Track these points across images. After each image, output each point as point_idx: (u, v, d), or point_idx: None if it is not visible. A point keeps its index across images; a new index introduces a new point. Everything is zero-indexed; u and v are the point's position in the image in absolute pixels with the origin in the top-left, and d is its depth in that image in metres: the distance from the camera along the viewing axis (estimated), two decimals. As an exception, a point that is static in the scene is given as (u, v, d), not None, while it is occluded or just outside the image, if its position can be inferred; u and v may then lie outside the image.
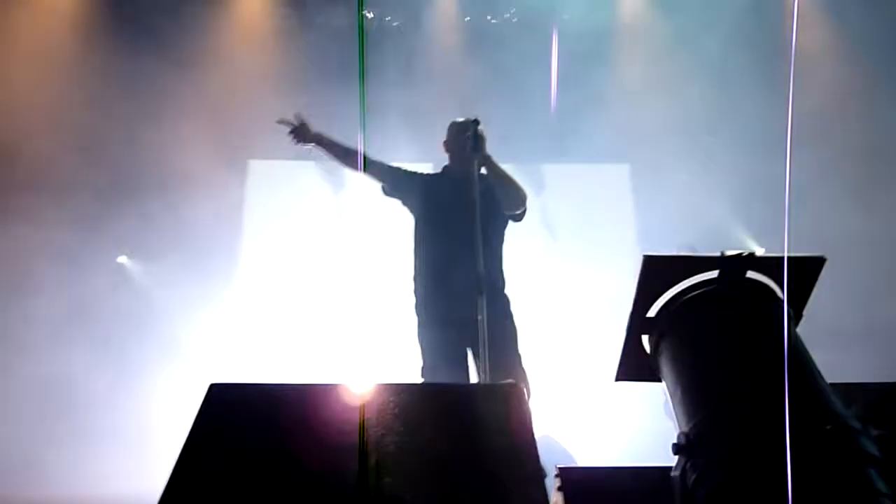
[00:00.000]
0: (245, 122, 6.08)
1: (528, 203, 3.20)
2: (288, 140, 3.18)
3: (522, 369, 3.00)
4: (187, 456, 1.63)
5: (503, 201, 3.09)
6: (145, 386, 5.22)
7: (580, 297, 5.86)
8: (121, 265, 6.14)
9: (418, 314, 3.16)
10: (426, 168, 3.52)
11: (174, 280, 5.75)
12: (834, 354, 2.31)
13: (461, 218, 2.79)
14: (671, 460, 1.43)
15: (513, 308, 3.15)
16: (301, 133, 3.16)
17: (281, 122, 3.20)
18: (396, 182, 3.28)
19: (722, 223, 5.83)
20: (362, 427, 1.63)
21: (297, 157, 6.44)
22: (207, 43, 6.33)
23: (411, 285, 3.21)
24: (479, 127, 2.95)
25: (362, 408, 1.67)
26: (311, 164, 6.56)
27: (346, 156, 3.19)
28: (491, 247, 3.02)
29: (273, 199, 6.46)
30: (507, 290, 3.14)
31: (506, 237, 3.23)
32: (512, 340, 3.05)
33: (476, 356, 2.88)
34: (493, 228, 3.10)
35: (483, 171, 3.02)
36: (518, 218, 3.22)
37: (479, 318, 2.55)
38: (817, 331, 1.85)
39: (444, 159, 3.36)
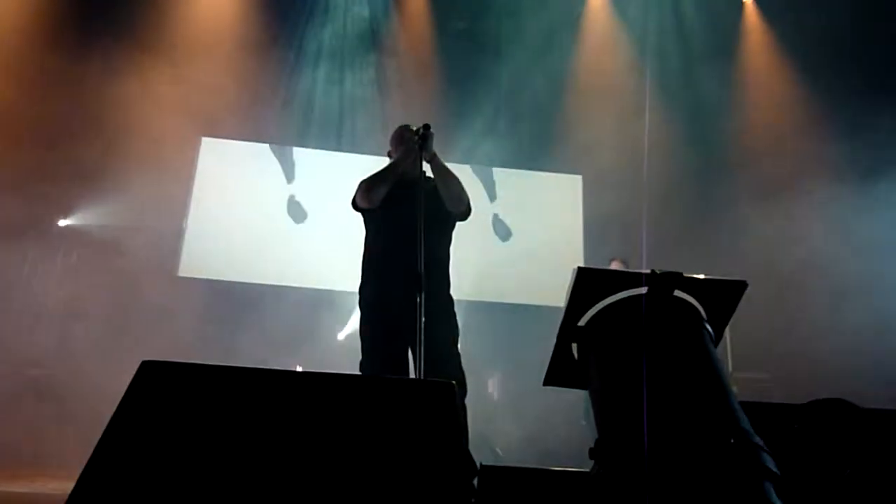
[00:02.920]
0: (202, 100, 6.01)
1: (474, 205, 3.23)
2: (412, 142, 3.01)
3: (460, 370, 3.03)
4: (112, 432, 1.62)
5: (445, 199, 3.10)
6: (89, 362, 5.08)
7: (526, 298, 5.97)
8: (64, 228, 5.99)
9: (361, 309, 3.17)
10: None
11: (119, 251, 5.65)
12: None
13: (406, 216, 2.82)
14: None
15: (455, 308, 3.17)
16: (426, 144, 3.00)
17: (425, 128, 3.05)
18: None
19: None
20: (286, 415, 1.65)
21: (252, 139, 6.47)
22: (166, 20, 6.23)
23: (359, 280, 3.22)
24: (430, 130, 3.03)
25: (289, 395, 1.69)
26: (265, 146, 6.53)
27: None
28: (433, 246, 3.03)
29: (224, 177, 6.39)
30: (451, 291, 3.16)
31: (453, 238, 3.26)
32: (450, 341, 3.07)
33: (413, 355, 2.90)
34: (439, 228, 3.11)
35: (428, 172, 3.06)
36: (463, 217, 3.25)
37: (416, 316, 2.58)
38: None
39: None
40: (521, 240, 6.49)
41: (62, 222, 6.04)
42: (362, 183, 3.16)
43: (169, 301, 5.38)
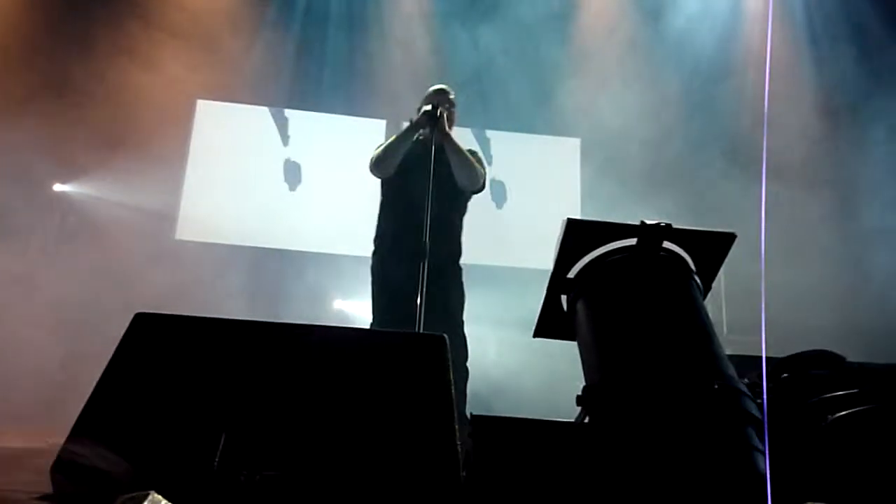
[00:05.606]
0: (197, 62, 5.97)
1: (486, 178, 3.28)
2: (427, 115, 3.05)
3: (462, 337, 3.08)
4: (104, 386, 1.65)
5: (458, 179, 3.16)
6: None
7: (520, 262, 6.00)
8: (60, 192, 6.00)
9: (373, 275, 3.21)
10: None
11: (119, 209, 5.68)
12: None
13: (418, 184, 2.87)
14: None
15: (463, 278, 3.21)
16: (440, 121, 3.04)
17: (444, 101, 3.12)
18: None
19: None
20: (281, 367, 1.68)
21: (246, 101, 6.42)
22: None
23: (369, 247, 3.27)
24: (449, 107, 3.15)
25: (282, 347, 1.72)
26: (264, 109, 6.49)
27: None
28: (444, 218, 3.05)
29: (219, 140, 6.37)
30: (461, 262, 3.21)
31: (468, 209, 3.30)
32: (455, 310, 3.12)
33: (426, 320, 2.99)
34: (450, 196, 3.14)
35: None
36: (476, 192, 3.32)
37: (421, 282, 2.69)
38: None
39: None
40: (517, 203, 6.49)
41: (58, 187, 6.04)
42: (374, 153, 3.20)
43: (165, 263, 5.40)
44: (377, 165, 3.17)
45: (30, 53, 5.76)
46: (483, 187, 3.30)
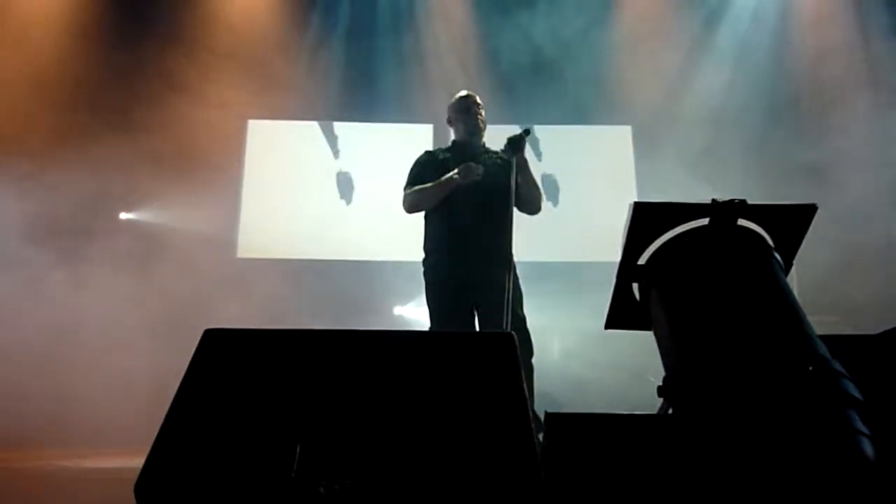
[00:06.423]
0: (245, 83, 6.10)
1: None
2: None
3: (527, 332, 3.08)
4: (180, 403, 1.66)
5: (523, 203, 3.25)
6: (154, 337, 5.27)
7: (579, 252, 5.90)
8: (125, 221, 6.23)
9: (427, 277, 3.21)
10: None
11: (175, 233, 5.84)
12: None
13: (477, 192, 3.07)
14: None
15: (518, 272, 3.23)
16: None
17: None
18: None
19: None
20: (354, 376, 1.66)
21: (296, 118, 6.52)
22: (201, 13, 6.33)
23: (421, 253, 3.32)
24: (480, 111, 3.35)
25: (353, 355, 1.70)
26: (314, 124, 6.58)
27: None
28: (501, 217, 3.07)
29: (272, 158, 6.49)
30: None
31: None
32: (516, 306, 3.11)
33: (483, 317, 3.10)
34: (504, 200, 3.17)
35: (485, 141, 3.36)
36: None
37: (482, 284, 2.95)
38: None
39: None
40: (570, 198, 6.37)
41: (123, 215, 6.26)
42: (409, 195, 3.26)
43: (229, 282, 5.53)
44: (410, 210, 3.29)
45: (83, 89, 5.99)
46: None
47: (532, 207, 3.32)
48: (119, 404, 4.60)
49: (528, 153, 3.27)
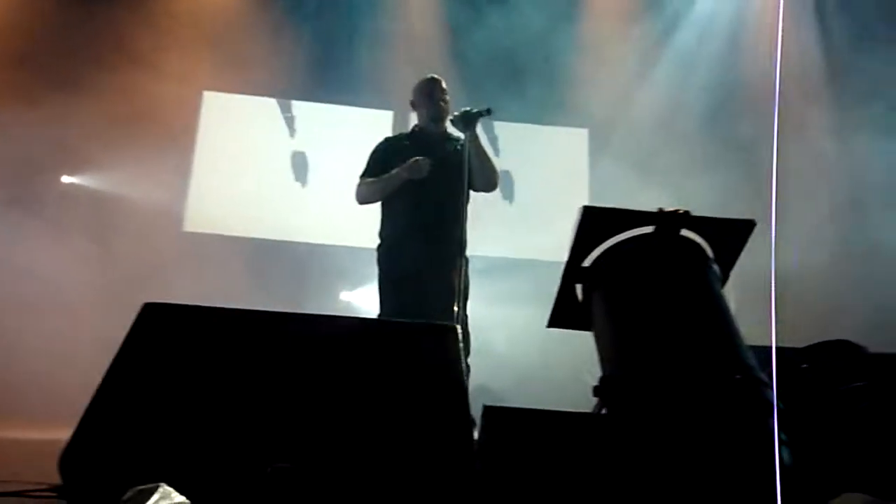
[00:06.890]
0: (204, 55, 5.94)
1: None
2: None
3: (467, 330, 3.10)
4: (112, 377, 1.62)
5: (478, 180, 3.21)
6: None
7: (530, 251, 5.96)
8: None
9: (380, 265, 3.21)
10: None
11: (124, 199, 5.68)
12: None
13: (429, 178, 3.01)
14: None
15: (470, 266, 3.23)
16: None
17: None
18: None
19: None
20: (290, 358, 1.65)
21: (254, 93, 6.39)
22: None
23: (377, 239, 3.28)
24: (444, 96, 3.29)
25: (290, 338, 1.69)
26: (272, 101, 6.46)
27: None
28: (455, 208, 3.08)
29: (227, 132, 6.34)
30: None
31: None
32: (461, 298, 3.12)
33: (431, 311, 3.03)
34: (461, 194, 3.16)
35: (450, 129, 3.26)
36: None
37: (444, 281, 2.94)
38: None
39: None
40: (525, 196, 6.44)
41: (66, 178, 6.03)
42: (361, 188, 3.24)
43: (174, 255, 5.39)
44: (360, 202, 3.27)
45: (34, 52, 5.73)
46: (495, 188, 3.37)
47: (487, 184, 3.27)
48: (58, 375, 4.44)
49: (487, 146, 3.27)
